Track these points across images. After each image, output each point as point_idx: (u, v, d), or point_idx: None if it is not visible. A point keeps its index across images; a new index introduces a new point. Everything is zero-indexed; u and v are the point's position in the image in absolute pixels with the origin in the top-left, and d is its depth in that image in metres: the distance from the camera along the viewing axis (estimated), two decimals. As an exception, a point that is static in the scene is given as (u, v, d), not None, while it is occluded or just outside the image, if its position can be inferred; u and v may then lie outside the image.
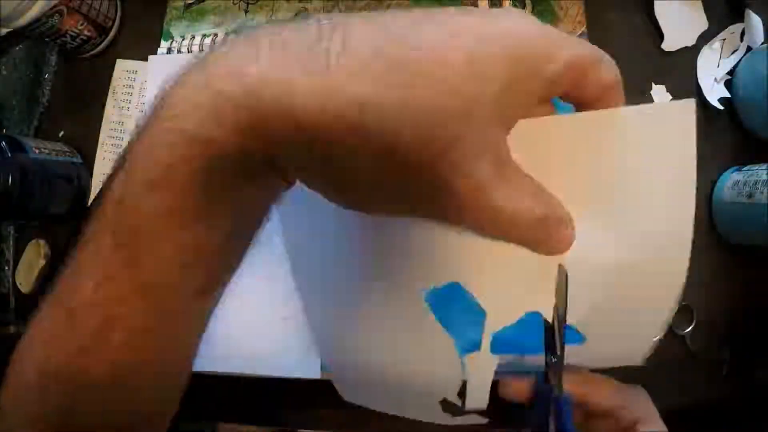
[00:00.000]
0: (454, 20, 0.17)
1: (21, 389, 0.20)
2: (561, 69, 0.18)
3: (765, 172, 0.35)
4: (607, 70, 0.20)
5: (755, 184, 0.35)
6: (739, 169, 0.38)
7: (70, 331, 0.19)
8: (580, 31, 0.40)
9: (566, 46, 0.18)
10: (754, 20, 0.40)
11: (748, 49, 0.40)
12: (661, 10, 0.41)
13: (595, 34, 0.40)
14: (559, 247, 0.21)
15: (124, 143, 0.42)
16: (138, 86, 0.43)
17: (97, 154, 0.43)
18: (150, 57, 0.42)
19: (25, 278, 0.43)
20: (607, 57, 0.20)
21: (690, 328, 0.39)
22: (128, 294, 0.18)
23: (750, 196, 0.36)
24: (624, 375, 0.39)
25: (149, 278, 0.18)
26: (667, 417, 0.38)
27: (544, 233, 0.20)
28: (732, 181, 0.38)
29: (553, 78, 0.18)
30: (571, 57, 0.18)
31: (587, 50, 0.19)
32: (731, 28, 0.41)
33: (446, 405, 0.32)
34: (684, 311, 0.39)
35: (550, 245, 0.21)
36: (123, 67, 0.44)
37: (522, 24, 0.18)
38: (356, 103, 0.15)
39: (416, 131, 0.16)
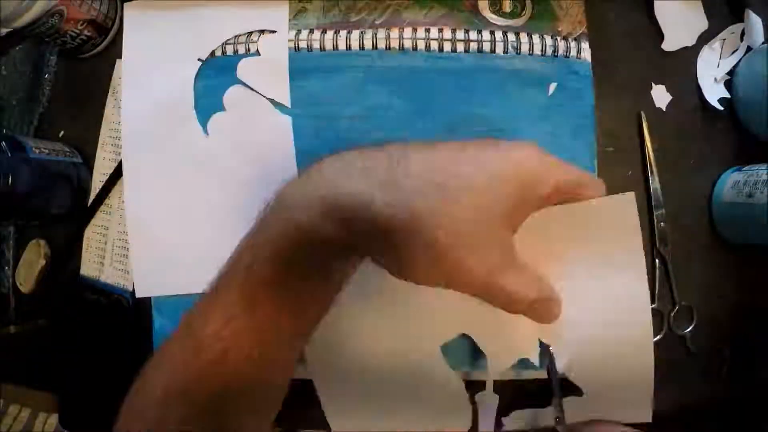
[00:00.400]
0: (481, 155, 0.25)
1: (147, 402, 0.26)
2: (550, 190, 0.26)
3: (765, 172, 0.35)
4: (593, 191, 0.28)
5: (755, 184, 0.35)
6: (739, 169, 0.38)
7: (196, 358, 0.25)
8: (580, 31, 0.40)
9: (555, 174, 0.26)
10: (754, 20, 0.40)
11: (748, 49, 0.40)
12: (661, 10, 0.41)
13: (595, 34, 0.40)
14: (549, 319, 0.27)
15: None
16: (138, 86, 0.43)
17: (97, 154, 0.43)
18: (125, 4, 0.43)
19: (25, 278, 0.43)
20: (592, 180, 0.28)
21: (690, 328, 0.39)
22: (244, 332, 0.25)
23: (750, 196, 0.36)
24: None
25: (262, 322, 0.25)
26: (667, 416, 0.38)
27: (537, 310, 0.27)
28: (732, 181, 0.38)
29: (544, 196, 0.26)
30: (556, 182, 0.26)
31: (573, 176, 0.27)
32: (731, 28, 0.41)
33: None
34: (684, 311, 0.39)
35: (542, 318, 0.27)
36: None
37: (526, 156, 0.26)
38: (413, 212, 0.23)
39: (449, 232, 0.23)
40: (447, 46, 0.40)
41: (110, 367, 0.41)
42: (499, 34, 0.40)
